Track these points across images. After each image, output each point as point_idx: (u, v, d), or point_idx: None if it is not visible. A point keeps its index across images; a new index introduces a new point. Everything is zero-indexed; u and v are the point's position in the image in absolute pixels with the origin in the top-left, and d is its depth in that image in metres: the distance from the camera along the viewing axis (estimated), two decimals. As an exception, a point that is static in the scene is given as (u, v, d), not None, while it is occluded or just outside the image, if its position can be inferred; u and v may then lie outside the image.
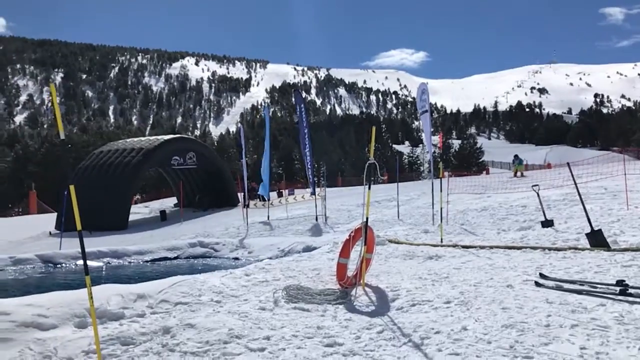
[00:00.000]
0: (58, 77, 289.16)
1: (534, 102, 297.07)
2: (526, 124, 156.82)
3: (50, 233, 21.00)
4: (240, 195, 27.38)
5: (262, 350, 4.33)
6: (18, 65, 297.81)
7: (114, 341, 4.46)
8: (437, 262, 7.61)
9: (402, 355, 4.18)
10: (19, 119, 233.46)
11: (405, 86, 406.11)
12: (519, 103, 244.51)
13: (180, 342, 4.49)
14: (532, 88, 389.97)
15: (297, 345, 4.45)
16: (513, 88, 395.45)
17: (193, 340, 4.53)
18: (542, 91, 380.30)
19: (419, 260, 7.91)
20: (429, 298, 5.60)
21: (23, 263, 10.39)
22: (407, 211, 15.80)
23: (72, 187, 3.98)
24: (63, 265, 10.71)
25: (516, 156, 29.58)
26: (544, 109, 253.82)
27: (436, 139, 37.59)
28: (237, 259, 11.70)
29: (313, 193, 18.14)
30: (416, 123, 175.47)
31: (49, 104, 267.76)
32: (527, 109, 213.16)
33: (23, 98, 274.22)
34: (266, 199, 21.72)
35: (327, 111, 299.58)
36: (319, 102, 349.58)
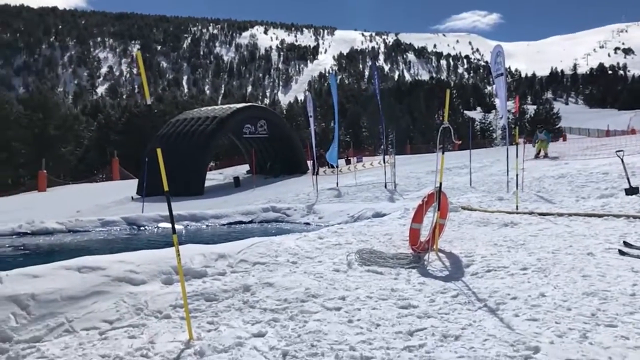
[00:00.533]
0: (135, 49, 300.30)
1: (618, 63, 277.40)
2: (608, 88, 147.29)
3: (132, 198, 22.21)
4: (309, 163, 27.71)
5: (338, 310, 4.46)
6: (99, 39, 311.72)
7: (198, 297, 4.74)
8: (513, 229, 7.45)
9: (478, 319, 4.17)
10: (101, 90, 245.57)
11: (477, 50, 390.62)
12: (601, 65, 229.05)
13: (259, 300, 4.70)
14: (616, 48, 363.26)
15: (372, 306, 4.54)
16: (594, 49, 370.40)
17: (272, 298, 4.73)
18: (627, 52, 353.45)
19: (494, 227, 7.76)
20: (504, 264, 5.52)
21: (110, 225, 11.09)
22: (480, 178, 15.43)
23: (159, 151, 4.20)
24: (146, 227, 11.37)
25: (541, 129, 22.74)
26: (628, 71, 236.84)
27: (511, 104, 35.87)
28: (307, 224, 11.94)
29: (384, 160, 18.10)
30: (489, 88, 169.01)
31: (128, 75, 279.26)
32: (610, 71, 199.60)
33: (104, 70, 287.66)
34: (335, 167, 21.86)
35: (396, 77, 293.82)
36: (387, 68, 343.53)
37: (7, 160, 46.02)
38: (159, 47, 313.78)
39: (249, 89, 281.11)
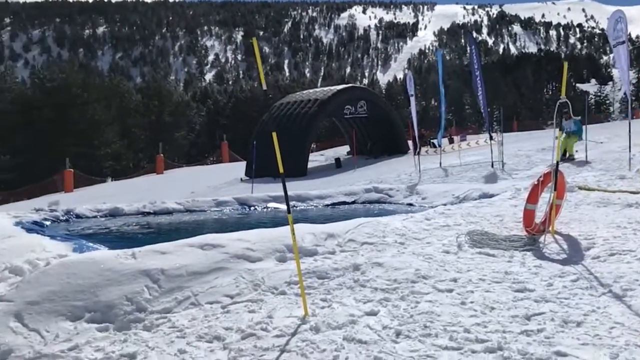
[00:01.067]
0: (238, 36, 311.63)
1: None
2: None
3: (241, 179, 23.28)
4: (410, 143, 27.36)
5: (450, 292, 4.42)
6: (205, 28, 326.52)
7: (310, 274, 4.91)
8: (639, 210, 6.89)
9: (602, 305, 3.95)
10: (208, 77, 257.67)
11: (591, 17, 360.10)
12: None
13: (370, 279, 4.77)
14: None
15: (485, 288, 4.45)
16: None
17: (382, 278, 4.79)
18: None
19: (616, 208, 7.23)
20: (630, 248, 5.15)
21: (223, 205, 11.70)
22: (597, 156, 14.38)
23: (274, 134, 4.36)
24: (255, 207, 11.87)
25: (565, 116, 14.16)
26: None
27: (633, 74, 32.80)
28: (411, 204, 11.81)
29: (490, 138, 17.39)
30: (605, 58, 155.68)
31: (233, 62, 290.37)
32: None
33: (211, 57, 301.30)
34: (437, 146, 21.38)
35: (500, 51, 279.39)
36: (490, 41, 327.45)
37: (128, 145, 50.03)
38: (261, 33, 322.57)
39: (348, 70, 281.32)
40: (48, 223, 9.09)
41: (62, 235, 7.48)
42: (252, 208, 11.74)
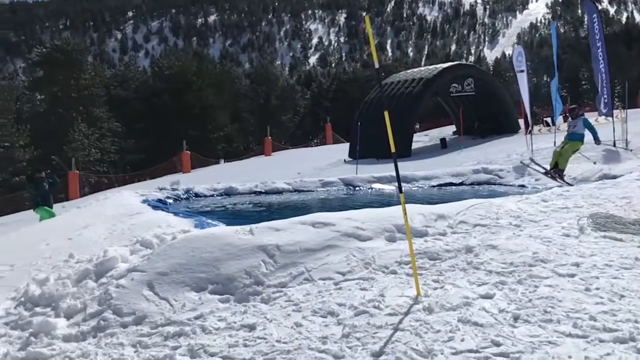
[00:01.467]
0: (341, 18, 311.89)
1: None
2: None
3: (344, 160, 23.47)
4: (520, 122, 25.96)
5: (571, 277, 4.18)
6: (309, 12, 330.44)
7: (421, 255, 4.87)
8: None
9: None
10: (312, 60, 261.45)
11: None
12: None
13: (484, 262, 4.64)
14: None
15: (612, 275, 4.16)
16: None
17: (496, 261, 4.63)
18: None
19: None
20: None
21: (329, 185, 11.92)
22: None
23: (386, 113, 4.35)
24: (360, 187, 11.96)
25: (575, 109, 12.64)
26: None
27: None
28: (523, 186, 11.30)
29: (610, 115, 16.04)
30: None
31: (335, 44, 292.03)
32: None
33: (314, 41, 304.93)
34: (551, 124, 20.09)
35: (623, 20, 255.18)
36: (612, 10, 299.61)
37: (239, 129, 52.34)
38: (364, 14, 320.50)
39: (453, 47, 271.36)
40: (170, 201, 9.82)
41: (184, 212, 8.04)
42: (357, 188, 11.84)
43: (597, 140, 12.06)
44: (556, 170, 11.28)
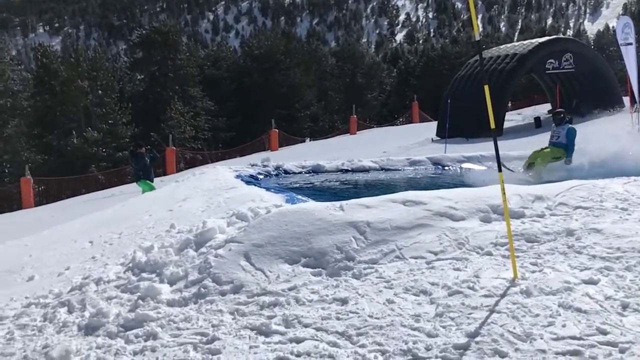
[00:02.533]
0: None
1: None
2: None
3: (432, 139, 22.99)
4: (625, 99, 24.05)
5: (690, 265, 3.87)
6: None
7: (518, 237, 4.69)
8: None
9: None
10: (399, 37, 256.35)
11: None
12: None
13: (586, 246, 4.40)
14: None
15: None
16: None
17: (601, 245, 4.37)
18: None
19: None
20: None
21: (417, 164, 11.75)
22: None
23: (486, 88, 4.20)
24: (450, 167, 11.68)
25: (560, 115, 10.78)
26: None
27: None
28: (634, 167, 10.51)
29: None
30: None
31: (424, 20, 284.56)
32: None
33: (402, 17, 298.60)
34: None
35: None
36: None
37: (325, 107, 52.68)
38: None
39: (549, 21, 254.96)
40: (262, 177, 10.12)
41: (275, 188, 8.28)
42: (446, 168, 11.58)
43: (567, 160, 10.10)
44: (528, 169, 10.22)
